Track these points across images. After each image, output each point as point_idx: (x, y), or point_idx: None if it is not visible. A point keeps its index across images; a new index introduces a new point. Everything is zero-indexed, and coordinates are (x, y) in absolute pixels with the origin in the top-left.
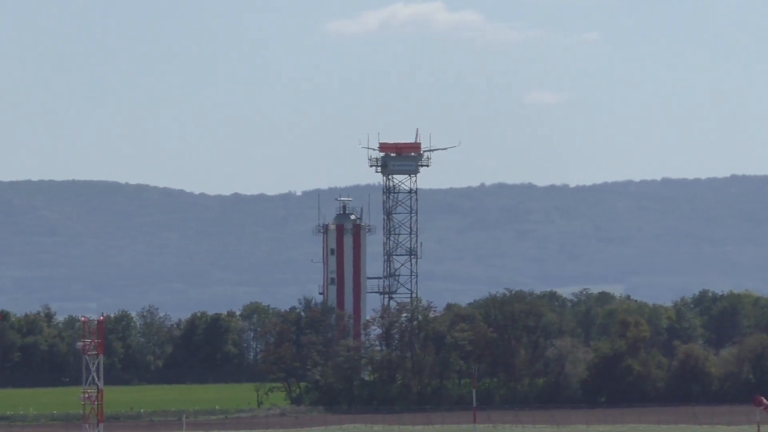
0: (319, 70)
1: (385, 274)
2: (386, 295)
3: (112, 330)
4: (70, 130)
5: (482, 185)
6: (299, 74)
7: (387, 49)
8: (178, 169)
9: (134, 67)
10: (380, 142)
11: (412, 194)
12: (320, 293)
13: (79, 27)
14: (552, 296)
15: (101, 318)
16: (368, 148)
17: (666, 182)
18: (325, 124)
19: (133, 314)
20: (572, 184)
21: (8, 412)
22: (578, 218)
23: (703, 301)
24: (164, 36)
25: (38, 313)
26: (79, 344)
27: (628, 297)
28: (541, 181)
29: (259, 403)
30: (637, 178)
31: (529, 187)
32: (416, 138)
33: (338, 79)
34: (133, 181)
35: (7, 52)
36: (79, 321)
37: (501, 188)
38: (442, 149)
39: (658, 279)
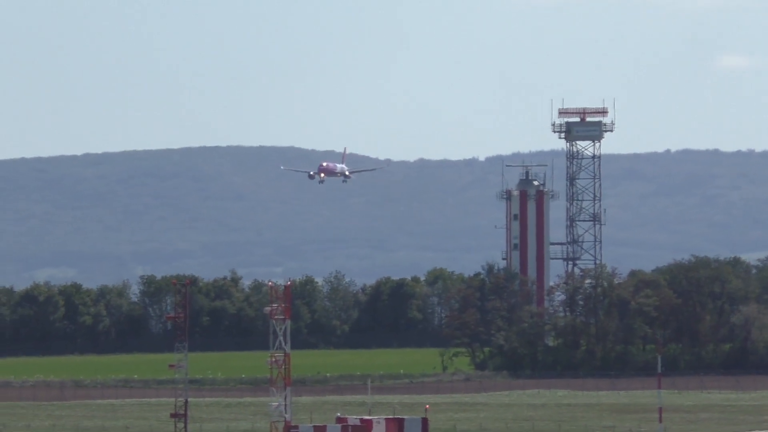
0: (508, 36)
1: (568, 240)
2: (569, 261)
3: (299, 295)
4: (259, 98)
5: (667, 151)
6: (486, 41)
7: (575, 15)
8: (364, 135)
9: (323, 38)
10: (563, 108)
11: (596, 160)
12: (503, 259)
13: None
14: (737, 262)
15: (288, 283)
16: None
17: None
18: (510, 89)
19: (319, 279)
20: (759, 149)
21: (197, 376)
22: (764, 184)
23: None
24: (353, 14)
25: (226, 277)
26: (267, 309)
27: None
28: (728, 147)
29: (444, 368)
30: None
31: (715, 153)
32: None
33: (526, 46)
34: (319, 148)
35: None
36: (265, 285)
37: (686, 154)
38: (371, 170)
39: None
